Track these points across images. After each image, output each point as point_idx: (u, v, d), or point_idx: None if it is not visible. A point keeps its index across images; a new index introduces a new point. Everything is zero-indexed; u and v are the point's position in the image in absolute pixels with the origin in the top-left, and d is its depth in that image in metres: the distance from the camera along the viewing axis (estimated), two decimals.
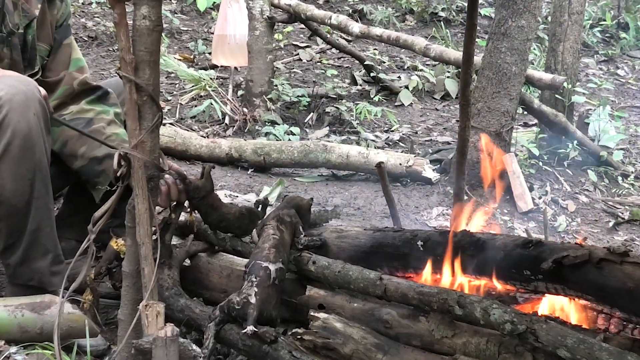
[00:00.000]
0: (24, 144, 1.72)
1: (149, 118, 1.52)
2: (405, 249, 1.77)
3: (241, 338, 1.55)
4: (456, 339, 1.50)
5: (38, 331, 1.66)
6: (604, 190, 3.79)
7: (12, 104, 1.70)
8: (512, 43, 3.43)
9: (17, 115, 1.70)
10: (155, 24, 1.49)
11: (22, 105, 1.71)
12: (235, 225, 1.88)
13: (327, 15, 4.56)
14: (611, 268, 1.45)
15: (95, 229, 1.56)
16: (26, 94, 1.71)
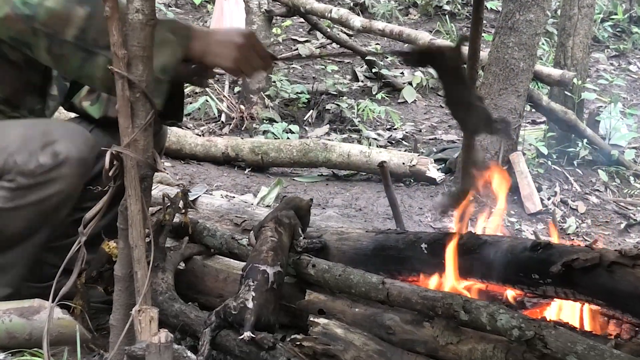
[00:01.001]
0: (59, 203, 1.75)
1: (142, 115, 1.48)
2: (409, 252, 1.75)
3: (238, 344, 1.53)
4: (462, 345, 1.47)
5: (27, 337, 1.64)
6: (615, 191, 3.76)
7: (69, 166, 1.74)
8: (520, 38, 3.39)
9: (68, 179, 1.73)
10: (149, 17, 1.46)
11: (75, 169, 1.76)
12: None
13: (327, 9, 4.51)
14: (623, 272, 1.43)
15: (86, 231, 1.52)
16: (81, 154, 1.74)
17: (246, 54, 1.71)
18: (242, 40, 1.70)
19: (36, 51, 1.65)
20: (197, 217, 2.17)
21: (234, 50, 1.69)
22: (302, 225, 1.83)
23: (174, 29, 1.66)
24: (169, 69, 1.64)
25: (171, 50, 1.64)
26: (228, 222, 2.27)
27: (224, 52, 1.69)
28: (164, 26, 1.63)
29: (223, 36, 1.72)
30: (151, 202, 1.72)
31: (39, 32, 1.61)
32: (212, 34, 1.72)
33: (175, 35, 1.65)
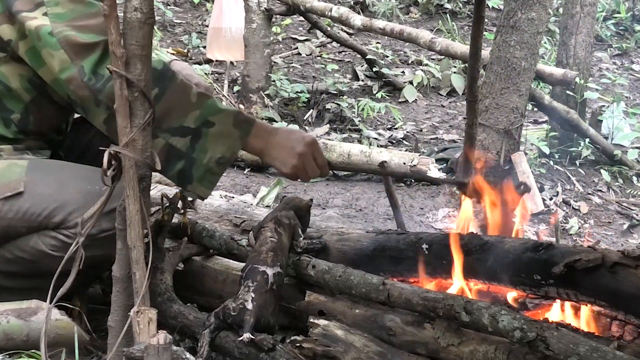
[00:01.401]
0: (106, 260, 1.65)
1: (140, 115, 1.48)
2: (410, 253, 1.74)
3: (237, 346, 1.52)
4: (463, 346, 1.46)
5: (24, 339, 1.63)
6: (618, 191, 3.75)
7: None
8: (522, 36, 3.37)
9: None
10: (147, 16, 1.45)
11: None
12: None
13: (327, 7, 4.49)
14: (626, 272, 1.42)
15: (84, 231, 1.51)
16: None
17: (306, 163, 1.69)
18: (304, 149, 1.68)
19: (92, 117, 1.63)
20: (196, 218, 2.16)
21: (295, 158, 1.68)
22: (302, 225, 1.82)
23: (237, 121, 1.65)
24: (225, 162, 1.65)
25: (230, 143, 1.64)
26: (227, 223, 2.26)
27: (284, 157, 1.68)
28: (228, 117, 1.64)
29: (285, 140, 1.69)
30: (150, 202, 1.72)
31: (102, 104, 1.59)
32: (275, 133, 1.70)
33: (237, 128, 1.65)
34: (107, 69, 1.54)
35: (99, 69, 1.58)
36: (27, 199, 1.68)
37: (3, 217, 1.69)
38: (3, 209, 1.68)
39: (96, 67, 1.58)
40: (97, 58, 1.58)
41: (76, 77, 1.58)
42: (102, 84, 1.57)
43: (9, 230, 1.70)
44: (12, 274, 1.73)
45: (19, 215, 1.68)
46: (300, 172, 1.71)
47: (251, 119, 1.70)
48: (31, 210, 1.67)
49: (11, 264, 1.73)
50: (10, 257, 1.72)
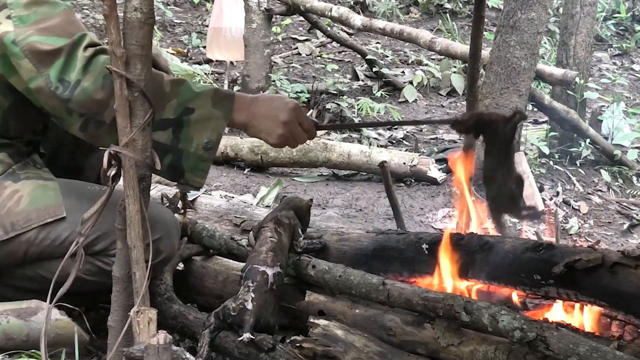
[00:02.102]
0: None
1: (140, 115, 1.47)
2: (410, 253, 1.74)
3: (237, 346, 1.52)
4: (463, 347, 1.46)
5: (24, 339, 1.62)
6: (618, 191, 3.74)
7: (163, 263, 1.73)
8: (522, 36, 3.37)
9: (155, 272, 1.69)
10: (147, 16, 1.44)
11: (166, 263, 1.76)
12: None
13: (327, 7, 4.49)
14: (626, 272, 1.42)
15: (84, 231, 1.50)
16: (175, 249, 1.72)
17: (292, 130, 1.63)
18: (288, 116, 1.62)
19: (67, 126, 1.57)
20: (196, 218, 2.16)
21: (279, 127, 1.61)
22: (302, 225, 1.82)
23: (216, 101, 1.58)
24: (213, 146, 1.58)
25: (214, 125, 1.58)
26: (227, 223, 2.26)
27: (268, 127, 1.62)
28: (207, 99, 1.57)
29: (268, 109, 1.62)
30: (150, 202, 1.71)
31: (74, 113, 1.52)
32: (256, 104, 1.63)
33: (217, 109, 1.58)
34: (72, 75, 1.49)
35: (64, 76, 1.51)
36: (66, 227, 1.64)
37: (39, 244, 1.65)
38: (39, 236, 1.64)
39: (62, 74, 1.51)
40: (62, 64, 1.51)
41: (44, 87, 1.51)
42: (69, 92, 1.50)
43: (41, 255, 1.67)
44: (26, 290, 1.70)
45: (57, 242, 1.65)
46: (288, 140, 1.64)
47: (230, 94, 1.62)
48: (70, 239, 1.62)
49: (30, 281, 1.69)
50: (32, 275, 1.69)
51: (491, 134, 1.61)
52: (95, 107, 1.52)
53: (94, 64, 1.52)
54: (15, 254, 1.68)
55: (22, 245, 1.66)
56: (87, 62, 1.52)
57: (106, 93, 1.51)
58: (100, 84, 1.51)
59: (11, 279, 1.72)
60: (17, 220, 1.65)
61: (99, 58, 1.53)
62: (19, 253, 1.67)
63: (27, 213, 1.65)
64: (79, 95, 1.50)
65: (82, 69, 1.51)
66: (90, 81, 1.50)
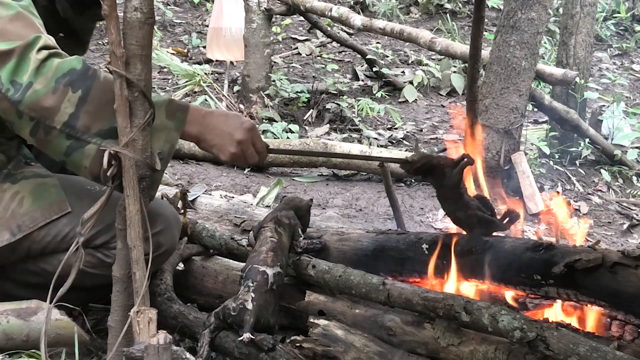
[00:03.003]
0: None
1: (140, 115, 1.47)
2: (410, 253, 1.73)
3: (237, 346, 1.52)
4: (463, 347, 1.46)
5: (24, 339, 1.62)
6: (618, 191, 3.74)
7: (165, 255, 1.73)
8: (522, 36, 3.37)
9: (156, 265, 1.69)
10: (147, 16, 1.45)
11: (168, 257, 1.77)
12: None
13: (327, 7, 4.48)
14: (626, 272, 1.42)
15: (84, 231, 1.50)
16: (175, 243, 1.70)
17: (244, 150, 1.62)
18: (243, 136, 1.61)
19: (17, 130, 1.54)
20: (196, 218, 2.16)
21: (233, 145, 1.60)
22: (302, 225, 1.81)
23: (170, 111, 1.56)
24: (166, 157, 1.56)
25: (167, 136, 1.55)
26: (227, 223, 2.26)
27: (222, 144, 1.60)
28: (160, 109, 1.54)
29: (223, 125, 1.61)
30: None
31: (24, 116, 1.49)
32: (210, 117, 1.61)
33: (171, 120, 1.56)
34: (24, 77, 1.46)
35: (16, 78, 1.48)
36: (67, 222, 1.64)
37: (40, 240, 1.66)
38: (40, 233, 1.65)
39: (13, 76, 1.48)
40: (14, 66, 1.48)
41: None
42: (20, 94, 1.47)
43: (44, 251, 1.67)
44: (29, 285, 1.71)
45: (58, 239, 1.65)
46: (239, 159, 1.64)
47: (184, 106, 1.61)
48: (71, 234, 1.63)
49: (33, 275, 1.70)
50: (34, 270, 1.69)
51: (438, 178, 1.65)
52: (45, 112, 1.49)
53: (47, 67, 1.49)
54: (18, 251, 1.68)
55: (26, 243, 1.67)
56: (39, 65, 1.49)
57: (57, 98, 1.48)
58: (52, 87, 1.48)
59: (13, 274, 1.72)
60: (23, 222, 1.65)
61: (52, 61, 1.50)
62: (22, 250, 1.68)
63: (32, 213, 1.65)
64: (30, 97, 1.47)
65: (35, 71, 1.48)
66: (43, 84, 1.48)
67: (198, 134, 1.61)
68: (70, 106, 1.48)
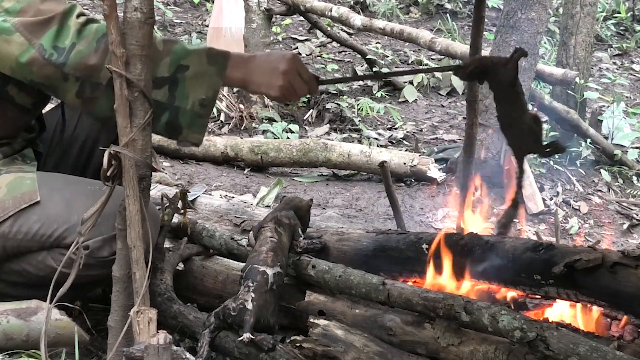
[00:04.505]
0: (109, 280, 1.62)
1: (140, 115, 1.47)
2: (410, 253, 1.73)
3: (237, 346, 1.52)
4: (463, 346, 1.46)
5: (24, 339, 1.62)
6: (618, 191, 3.73)
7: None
8: (522, 36, 3.37)
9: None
10: (147, 16, 1.45)
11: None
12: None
13: (327, 7, 4.48)
14: (626, 272, 1.41)
15: (84, 230, 1.50)
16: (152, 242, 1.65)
17: (292, 81, 1.61)
18: (287, 66, 1.60)
19: (63, 94, 1.58)
20: (196, 218, 2.16)
21: (279, 78, 1.60)
22: (302, 225, 1.81)
23: (211, 57, 1.58)
24: (209, 103, 1.58)
25: (209, 82, 1.57)
26: (227, 223, 2.25)
27: (268, 80, 1.60)
28: (201, 56, 1.56)
29: (265, 62, 1.62)
30: (150, 202, 1.70)
31: (70, 77, 1.53)
32: (252, 59, 1.63)
33: (212, 65, 1.58)
34: (66, 41, 1.51)
35: (58, 43, 1.52)
36: (36, 220, 1.66)
37: (13, 237, 1.67)
38: (12, 229, 1.66)
39: (55, 41, 1.52)
40: (55, 32, 1.52)
41: (37, 57, 1.51)
42: (64, 57, 1.52)
43: (19, 249, 1.69)
44: (16, 284, 1.73)
45: (29, 236, 1.66)
46: (288, 92, 1.62)
47: (225, 52, 1.62)
48: (41, 232, 1.65)
49: (17, 275, 1.72)
50: (17, 269, 1.71)
51: (494, 78, 1.61)
52: (91, 70, 1.53)
53: (88, 30, 1.54)
54: None
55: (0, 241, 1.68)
56: (80, 27, 1.54)
57: (100, 56, 1.52)
58: (94, 47, 1.53)
59: (2, 274, 1.73)
60: None
61: (92, 25, 1.56)
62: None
63: (4, 203, 1.67)
64: (74, 58, 1.51)
65: (77, 33, 1.53)
66: (85, 45, 1.52)
67: (243, 77, 1.62)
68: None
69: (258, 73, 1.61)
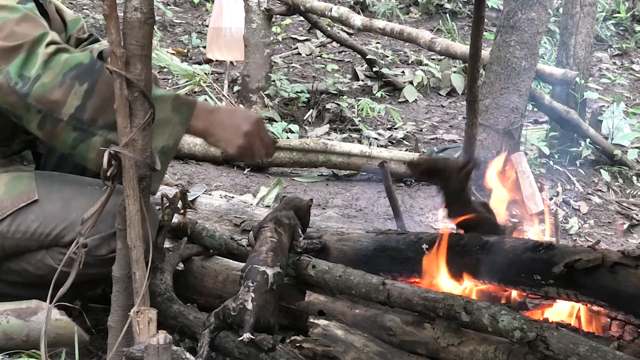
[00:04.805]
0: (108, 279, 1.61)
1: (140, 115, 1.47)
2: (410, 253, 1.73)
3: (237, 346, 1.52)
4: (463, 347, 1.46)
5: (24, 339, 1.62)
6: (618, 191, 3.73)
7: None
8: (522, 36, 3.36)
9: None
10: (147, 16, 1.45)
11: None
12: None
13: (327, 7, 4.48)
14: (626, 272, 1.41)
15: (84, 231, 1.50)
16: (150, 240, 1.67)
17: (252, 143, 1.62)
18: (250, 128, 1.61)
19: (27, 124, 1.56)
20: (196, 218, 2.16)
21: (240, 137, 1.61)
22: (302, 225, 1.81)
23: (176, 106, 1.57)
24: (169, 152, 1.57)
25: (172, 130, 1.57)
26: (227, 223, 2.25)
27: (229, 137, 1.61)
28: (166, 103, 1.56)
29: (230, 119, 1.62)
30: (150, 202, 1.70)
31: (32, 109, 1.52)
32: (217, 112, 1.63)
33: (177, 114, 1.57)
34: (32, 70, 1.49)
35: (24, 72, 1.51)
36: (34, 219, 1.66)
37: (12, 237, 1.67)
38: (11, 229, 1.66)
39: (22, 70, 1.51)
40: (23, 60, 1.51)
41: (3, 83, 1.50)
42: (28, 87, 1.50)
43: (18, 248, 1.69)
44: (16, 284, 1.73)
45: (27, 235, 1.67)
46: (246, 152, 1.63)
47: (191, 102, 1.62)
48: (39, 230, 1.66)
49: (16, 275, 1.72)
50: (16, 269, 1.71)
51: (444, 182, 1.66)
52: (53, 104, 1.52)
53: (55, 61, 1.52)
54: None
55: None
56: (48, 59, 1.52)
57: (64, 90, 1.51)
58: (59, 81, 1.51)
59: (1, 274, 1.74)
60: None
61: (61, 56, 1.54)
62: None
63: (2, 202, 1.67)
64: (38, 90, 1.50)
65: (43, 64, 1.51)
66: (50, 77, 1.51)
67: (205, 129, 1.62)
68: (77, 99, 1.51)
69: (221, 128, 1.61)
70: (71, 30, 1.99)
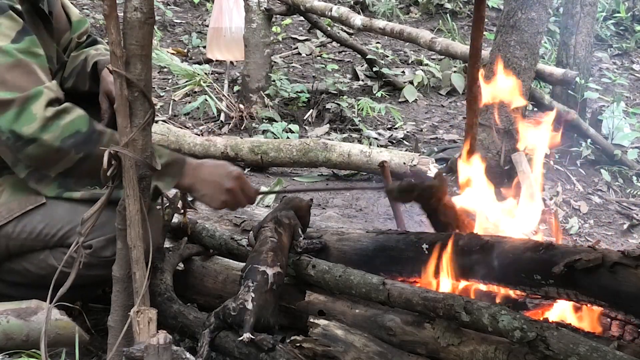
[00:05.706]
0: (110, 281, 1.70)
1: (140, 115, 1.47)
2: (410, 253, 1.73)
3: (237, 346, 1.52)
4: (463, 346, 1.46)
5: (24, 338, 1.62)
6: (618, 191, 3.72)
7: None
8: (522, 36, 3.36)
9: None
10: (147, 16, 1.45)
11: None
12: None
13: (327, 7, 4.48)
14: (626, 272, 1.41)
15: (84, 231, 1.50)
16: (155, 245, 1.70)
17: (235, 196, 1.72)
18: (232, 184, 1.71)
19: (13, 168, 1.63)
20: (196, 218, 2.16)
21: (223, 194, 1.71)
22: (302, 225, 1.81)
23: (169, 162, 1.65)
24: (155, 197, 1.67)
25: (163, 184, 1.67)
26: (227, 223, 2.25)
27: (213, 193, 1.70)
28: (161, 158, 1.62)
29: (212, 175, 1.71)
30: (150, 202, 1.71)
31: (20, 164, 1.59)
32: (201, 170, 1.71)
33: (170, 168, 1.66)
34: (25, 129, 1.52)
35: (16, 127, 1.53)
36: (40, 219, 1.68)
37: (17, 237, 1.69)
38: (16, 229, 1.68)
39: (13, 125, 1.54)
40: (15, 114, 1.54)
41: None
42: (21, 145, 1.54)
43: (22, 248, 1.70)
44: (17, 284, 1.74)
45: (33, 236, 1.68)
46: (229, 205, 1.75)
47: (181, 161, 1.70)
48: (45, 232, 1.68)
49: (18, 275, 1.73)
50: (18, 269, 1.73)
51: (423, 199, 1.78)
52: (44, 165, 1.59)
53: (54, 126, 1.56)
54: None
55: (2, 240, 1.69)
56: (46, 123, 1.55)
57: (60, 155, 1.56)
58: (57, 146, 1.56)
59: (2, 274, 1.74)
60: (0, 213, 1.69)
61: (60, 121, 1.57)
62: (2, 248, 1.70)
63: (9, 204, 1.69)
64: (32, 152, 1.55)
65: (41, 128, 1.55)
66: (47, 142, 1.55)
67: (190, 186, 1.71)
68: (70, 163, 1.58)
69: (204, 185, 1.71)
70: (75, 31, 2.00)
